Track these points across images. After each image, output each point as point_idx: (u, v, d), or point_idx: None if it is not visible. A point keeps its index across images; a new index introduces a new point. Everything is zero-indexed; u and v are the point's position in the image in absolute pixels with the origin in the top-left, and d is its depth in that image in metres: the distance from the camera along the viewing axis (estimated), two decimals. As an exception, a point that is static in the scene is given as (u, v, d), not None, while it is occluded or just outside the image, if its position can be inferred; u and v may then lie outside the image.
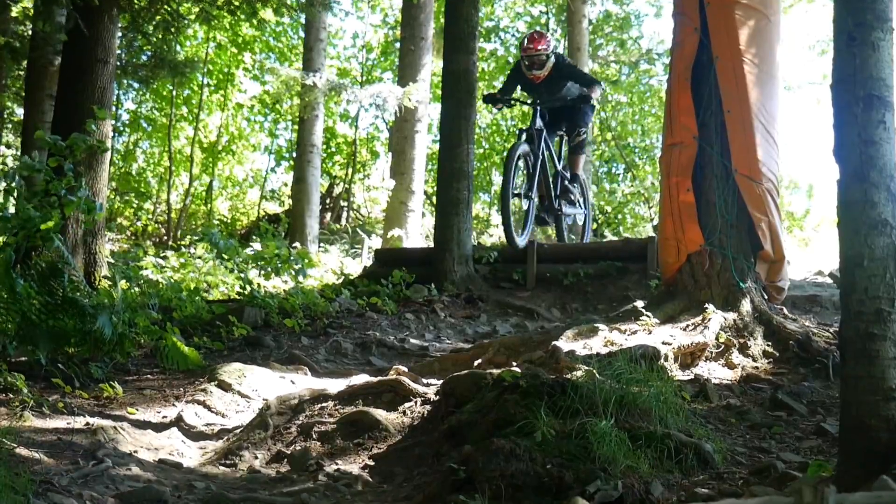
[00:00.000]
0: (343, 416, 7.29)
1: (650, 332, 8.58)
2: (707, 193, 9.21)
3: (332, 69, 31.49)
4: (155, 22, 15.70)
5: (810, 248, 19.23)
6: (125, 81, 23.64)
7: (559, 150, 14.75)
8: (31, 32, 18.01)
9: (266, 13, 17.32)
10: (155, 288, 13.58)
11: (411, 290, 13.38)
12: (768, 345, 8.56)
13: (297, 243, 19.62)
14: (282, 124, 34.10)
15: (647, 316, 8.84)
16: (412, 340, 11.31)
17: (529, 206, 13.70)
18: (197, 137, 31.28)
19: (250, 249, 16.28)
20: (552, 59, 13.54)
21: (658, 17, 33.16)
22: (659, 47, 28.44)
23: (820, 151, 37.36)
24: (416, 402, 7.42)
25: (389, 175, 22.27)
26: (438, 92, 17.65)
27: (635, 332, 8.66)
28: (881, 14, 4.94)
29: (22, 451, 6.11)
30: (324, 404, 7.66)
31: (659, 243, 10.23)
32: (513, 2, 32.74)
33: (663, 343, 8.18)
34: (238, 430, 7.61)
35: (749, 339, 8.55)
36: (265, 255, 15.48)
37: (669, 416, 6.24)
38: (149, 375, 9.57)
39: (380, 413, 7.23)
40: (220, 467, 6.82)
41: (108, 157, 13.49)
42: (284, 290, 13.98)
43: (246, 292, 12.81)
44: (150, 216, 30.31)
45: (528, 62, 13.55)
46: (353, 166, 32.41)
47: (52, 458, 6.18)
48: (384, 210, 23.77)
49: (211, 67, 30.99)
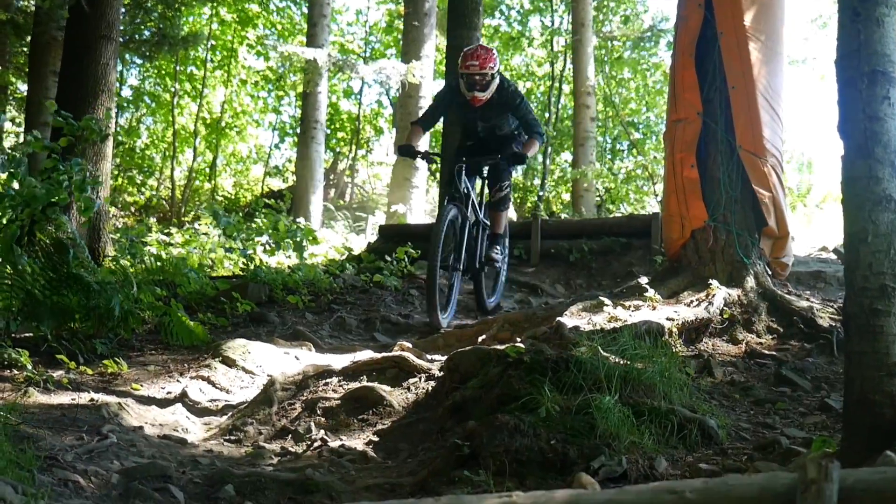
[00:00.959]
0: (347, 392, 7.29)
1: (654, 308, 8.57)
2: (711, 169, 9.20)
3: (336, 45, 31.41)
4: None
5: (814, 224, 19.17)
6: (127, 57, 23.55)
7: (480, 196, 11.73)
8: (34, 8, 17.98)
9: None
10: (159, 264, 13.58)
11: (416, 266, 13.36)
12: (772, 321, 8.56)
13: (301, 219, 19.59)
14: (285, 100, 34.06)
15: (652, 292, 8.83)
16: (416, 316, 11.31)
17: (455, 280, 11.19)
18: (200, 114, 31.23)
19: (254, 224, 16.26)
20: (496, 80, 10.91)
21: (662, -8, 33.03)
22: (663, 23, 28.35)
23: (823, 127, 37.24)
24: (420, 378, 7.42)
25: (394, 151, 22.22)
26: (442, 68, 17.63)
27: (639, 307, 8.65)
28: (886, -11, 4.92)
29: (27, 427, 6.11)
30: (328, 380, 7.66)
31: (663, 219, 10.23)
32: (517, -23, 32.63)
33: (667, 319, 8.17)
34: (242, 406, 7.61)
35: (753, 315, 8.55)
36: (269, 230, 15.46)
37: (673, 392, 6.25)
38: (153, 351, 9.57)
39: (384, 389, 7.23)
40: (225, 443, 6.83)
41: (112, 133, 13.44)
42: (288, 267, 13.97)
43: (250, 268, 12.80)
44: (153, 192, 30.28)
45: (468, 81, 10.83)
46: (356, 142, 32.38)
47: (56, 433, 6.18)
48: (388, 186, 23.75)
49: (214, 43, 30.91)
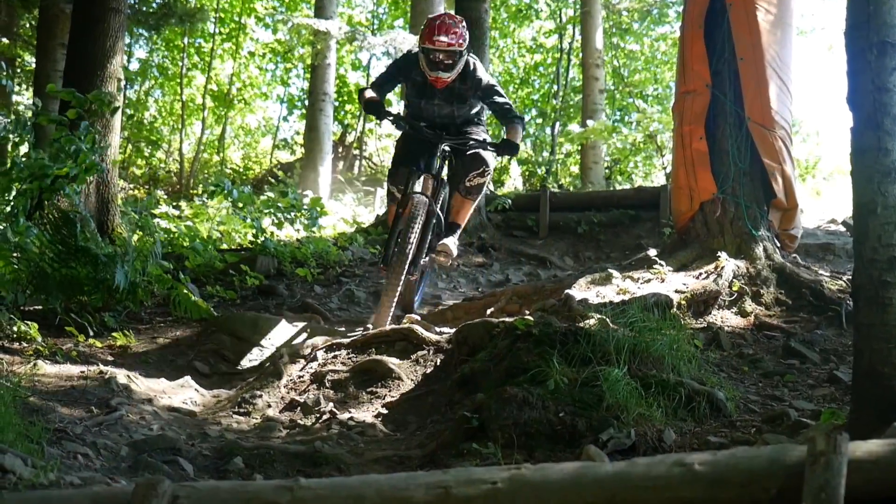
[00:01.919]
0: (356, 365, 7.30)
1: (663, 281, 8.57)
2: (720, 142, 9.18)
3: (343, 17, 31.33)
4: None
5: (823, 196, 19.14)
6: (135, 29, 23.50)
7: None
8: (42, -20, 17.94)
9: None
10: (168, 237, 13.60)
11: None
12: (781, 293, 8.55)
13: (310, 192, 19.58)
14: (294, 72, 34.01)
15: (660, 264, 8.82)
16: (425, 289, 11.32)
17: (422, 277, 9.80)
18: (209, 86, 31.19)
19: (263, 197, 16.27)
20: (464, 59, 8.77)
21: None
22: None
23: (831, 98, 37.11)
24: (429, 351, 7.42)
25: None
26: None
27: (648, 280, 8.65)
28: (896, -41, 4.89)
29: (36, 399, 6.13)
30: (337, 353, 7.66)
31: (672, 191, 10.22)
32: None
33: (676, 291, 8.18)
34: (251, 379, 7.62)
35: (762, 288, 8.54)
36: (278, 202, 15.45)
37: (682, 365, 6.25)
38: (162, 324, 9.59)
39: (393, 362, 7.24)
40: (234, 416, 6.84)
41: (121, 106, 13.41)
42: (297, 239, 13.98)
43: (258, 241, 12.81)
44: (162, 165, 30.28)
45: (432, 58, 8.66)
46: (364, 115, 32.32)
47: (66, 406, 6.20)
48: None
49: (222, 16, 30.83)
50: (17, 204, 8.85)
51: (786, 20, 9.38)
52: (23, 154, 9.47)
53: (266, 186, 17.24)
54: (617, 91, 29.43)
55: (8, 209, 8.97)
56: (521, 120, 9.01)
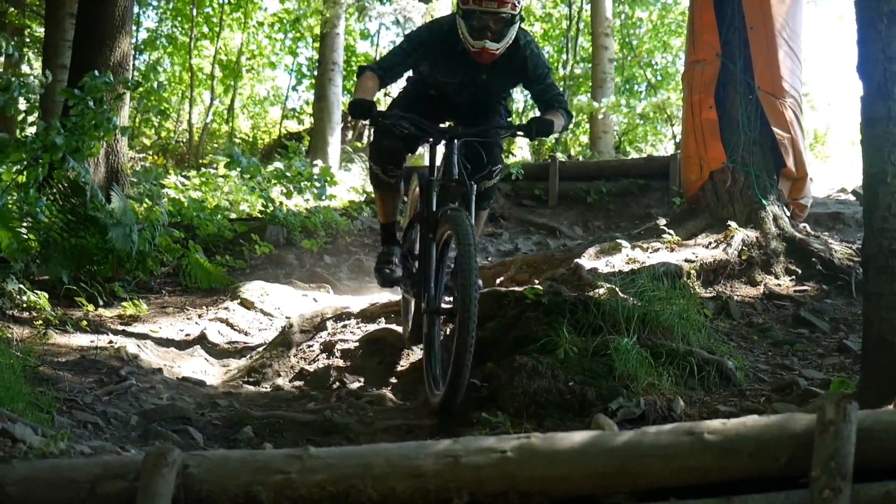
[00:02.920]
0: (366, 335, 7.30)
1: (672, 250, 8.56)
2: (730, 111, 9.13)
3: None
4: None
5: (833, 165, 19.06)
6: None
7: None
8: (51, -51, 17.89)
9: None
10: (177, 207, 13.60)
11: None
12: (791, 262, 8.53)
13: (319, 161, 19.56)
14: (302, 42, 33.92)
15: (670, 233, 8.81)
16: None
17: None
18: (217, 56, 31.13)
19: (272, 167, 16.26)
20: (516, 28, 6.46)
21: (681, -69, 32.68)
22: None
23: (841, 67, 36.88)
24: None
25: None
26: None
27: (658, 249, 8.64)
28: (908, -74, 4.85)
29: (46, 369, 6.15)
30: (346, 322, 7.68)
31: (681, 161, 10.19)
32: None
33: (686, 261, 8.17)
34: (261, 348, 7.64)
35: (771, 257, 8.52)
36: (287, 172, 15.44)
37: (692, 334, 6.25)
38: (172, 294, 9.61)
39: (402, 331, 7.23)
40: (244, 385, 6.86)
41: (130, 77, 13.34)
42: (306, 209, 13.97)
43: (268, 210, 12.81)
44: (171, 134, 30.26)
45: (478, 22, 6.31)
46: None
47: (76, 375, 6.22)
48: (405, 127, 23.61)
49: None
50: (29, 176, 8.83)
51: (796, -12, 9.34)
52: (30, 122, 9.43)
53: (276, 155, 17.17)
54: (626, 61, 29.32)
55: (21, 178, 8.95)
56: (569, 114, 6.77)
